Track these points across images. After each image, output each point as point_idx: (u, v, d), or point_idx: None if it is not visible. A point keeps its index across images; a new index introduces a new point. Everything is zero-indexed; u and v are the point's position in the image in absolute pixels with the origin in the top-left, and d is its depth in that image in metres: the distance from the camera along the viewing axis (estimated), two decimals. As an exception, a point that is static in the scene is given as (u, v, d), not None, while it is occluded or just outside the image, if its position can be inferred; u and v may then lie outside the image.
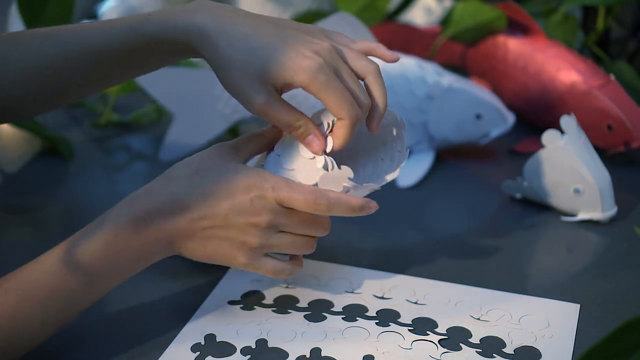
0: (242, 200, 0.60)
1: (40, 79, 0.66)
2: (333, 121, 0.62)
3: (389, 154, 0.68)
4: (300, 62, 0.59)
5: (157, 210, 0.60)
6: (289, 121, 0.61)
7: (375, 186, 0.64)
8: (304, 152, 0.63)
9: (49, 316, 0.58)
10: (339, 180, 0.62)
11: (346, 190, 0.62)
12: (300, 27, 0.63)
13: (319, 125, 0.64)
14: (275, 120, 0.62)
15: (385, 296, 0.70)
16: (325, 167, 0.62)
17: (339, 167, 0.62)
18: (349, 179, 0.62)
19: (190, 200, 0.60)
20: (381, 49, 0.65)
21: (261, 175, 0.61)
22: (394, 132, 0.68)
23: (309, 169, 0.63)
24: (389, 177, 0.66)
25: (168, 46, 0.63)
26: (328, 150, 0.63)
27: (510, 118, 0.92)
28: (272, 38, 0.60)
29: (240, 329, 0.66)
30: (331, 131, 0.63)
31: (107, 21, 0.65)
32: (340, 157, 0.67)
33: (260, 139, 0.65)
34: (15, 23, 1.12)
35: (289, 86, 0.61)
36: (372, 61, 0.63)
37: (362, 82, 0.63)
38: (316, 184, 0.62)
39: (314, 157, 0.63)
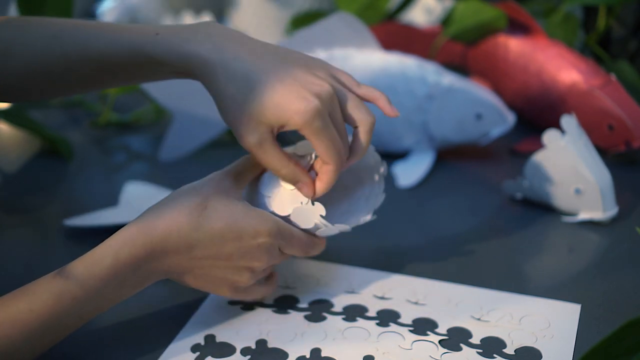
0: (249, 244, 0.61)
1: (45, 76, 0.66)
2: (316, 155, 0.63)
3: (366, 194, 0.69)
4: (297, 105, 0.59)
5: (162, 249, 0.59)
6: (276, 167, 0.62)
7: (346, 227, 0.65)
8: (284, 184, 0.63)
9: (39, 343, 0.57)
10: (311, 216, 0.63)
11: (316, 228, 0.64)
12: (306, 63, 0.62)
13: (302, 157, 0.64)
14: (264, 163, 0.62)
15: (385, 296, 0.70)
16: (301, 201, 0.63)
17: (313, 204, 0.63)
18: (321, 216, 0.63)
19: (197, 240, 0.60)
20: (383, 100, 0.65)
21: (267, 220, 0.62)
22: (375, 176, 0.69)
23: (284, 199, 0.63)
24: (362, 220, 0.67)
25: (169, 68, 0.63)
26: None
27: (511, 118, 0.92)
28: (274, 77, 0.60)
29: (240, 329, 0.66)
30: (312, 165, 0.64)
31: (114, 28, 0.64)
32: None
33: (258, 167, 0.64)
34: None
35: (284, 127, 0.61)
36: (369, 113, 0.63)
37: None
38: (288, 215, 0.63)
39: (293, 189, 0.63)
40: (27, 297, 0.56)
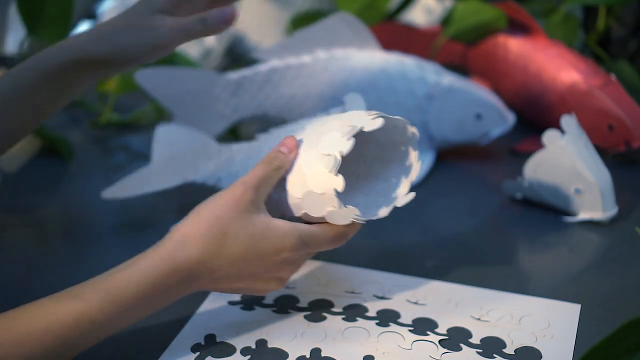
0: (272, 261, 0.61)
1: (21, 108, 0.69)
2: (361, 127, 0.62)
3: (398, 167, 0.68)
4: None
5: (185, 277, 0.59)
6: None
7: (384, 213, 0.65)
8: (313, 187, 0.62)
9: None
10: (347, 216, 0.62)
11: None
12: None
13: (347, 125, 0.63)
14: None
15: (385, 296, 0.70)
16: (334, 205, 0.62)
17: (345, 206, 0.62)
18: (356, 215, 0.62)
19: (219, 266, 0.60)
20: None
21: (289, 236, 0.61)
22: (407, 147, 0.67)
23: (316, 203, 0.62)
24: (400, 200, 0.66)
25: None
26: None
27: (511, 118, 0.92)
28: None
29: (240, 329, 0.66)
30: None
31: (56, 45, 0.68)
32: (352, 169, 0.67)
33: (277, 172, 0.63)
34: (15, 23, 1.12)
35: None
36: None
37: None
38: (323, 217, 0.62)
39: (324, 193, 0.62)
40: (47, 317, 0.56)
